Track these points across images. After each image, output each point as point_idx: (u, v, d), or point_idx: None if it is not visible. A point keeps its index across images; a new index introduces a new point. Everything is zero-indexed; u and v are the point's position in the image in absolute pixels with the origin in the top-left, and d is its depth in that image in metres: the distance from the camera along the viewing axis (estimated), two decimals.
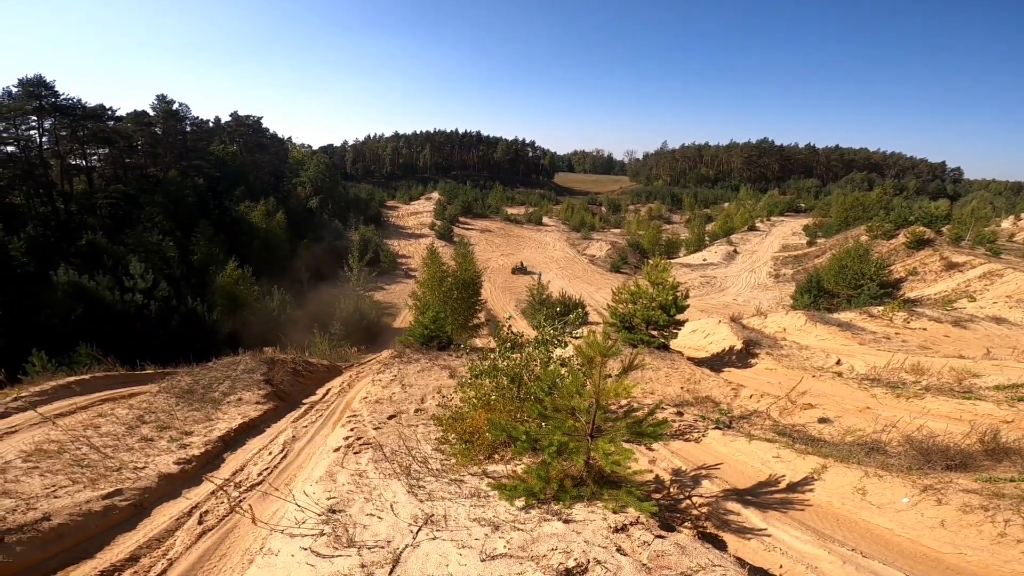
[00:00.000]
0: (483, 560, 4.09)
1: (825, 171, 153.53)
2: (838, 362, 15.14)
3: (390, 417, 9.88)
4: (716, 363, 15.75)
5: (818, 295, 30.94)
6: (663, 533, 4.64)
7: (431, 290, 24.06)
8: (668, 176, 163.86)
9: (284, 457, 8.63)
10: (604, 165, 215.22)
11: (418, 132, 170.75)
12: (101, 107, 46.98)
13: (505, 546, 4.30)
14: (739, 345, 16.61)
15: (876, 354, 16.10)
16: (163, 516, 6.58)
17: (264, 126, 78.88)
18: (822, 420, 10.70)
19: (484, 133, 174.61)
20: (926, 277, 35.99)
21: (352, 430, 8.98)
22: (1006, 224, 69.74)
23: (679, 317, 14.79)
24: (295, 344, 19.30)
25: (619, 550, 4.21)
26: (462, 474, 6.48)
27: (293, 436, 9.57)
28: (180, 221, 38.52)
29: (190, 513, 6.70)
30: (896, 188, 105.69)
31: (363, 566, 4.27)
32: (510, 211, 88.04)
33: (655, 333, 14.70)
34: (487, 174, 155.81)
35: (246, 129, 76.00)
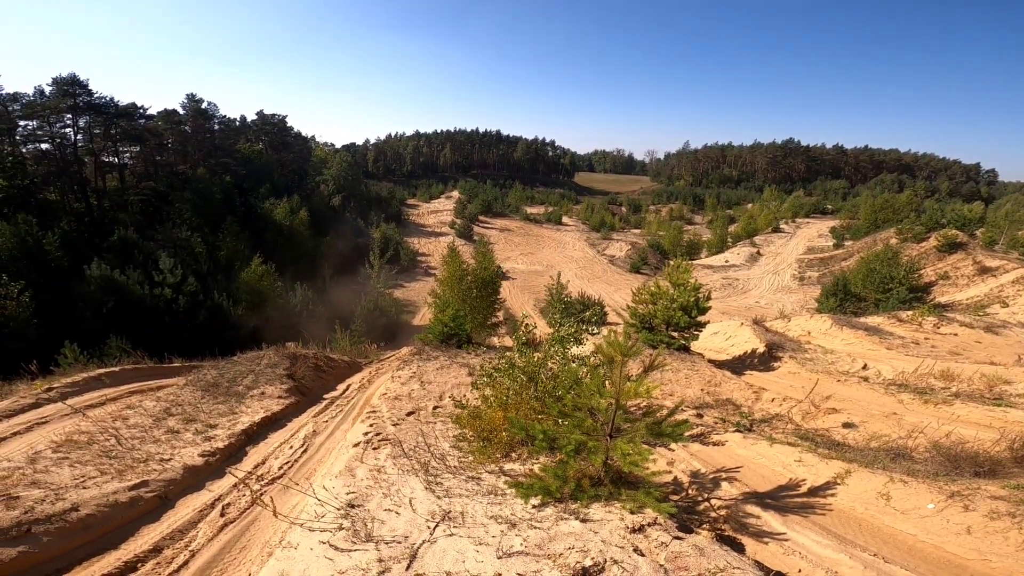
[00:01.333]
0: (500, 557, 4.11)
1: (854, 172, 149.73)
2: (864, 367, 14.80)
3: (409, 414, 9.95)
4: (737, 366, 15.53)
5: (844, 299, 30.21)
6: (681, 534, 4.60)
7: (450, 288, 24.17)
8: (690, 176, 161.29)
9: (305, 451, 8.76)
10: (624, 165, 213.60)
11: (439, 131, 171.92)
12: (133, 106, 48.34)
13: (522, 544, 4.30)
14: (762, 348, 16.33)
15: (904, 359, 15.71)
16: (187, 508, 6.74)
17: (288, 125, 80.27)
18: (847, 425, 10.48)
19: (504, 132, 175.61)
20: (957, 282, 34.90)
21: (371, 426, 9.08)
22: None
23: (700, 319, 14.57)
24: (317, 340, 19.61)
25: (636, 550, 4.19)
26: (479, 472, 6.50)
27: (314, 431, 9.71)
28: (208, 218, 39.39)
29: (213, 505, 6.84)
30: (928, 190, 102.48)
31: (380, 560, 4.32)
32: (530, 210, 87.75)
33: (675, 335, 14.52)
34: (507, 173, 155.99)
35: (271, 128, 77.39)
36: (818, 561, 5.41)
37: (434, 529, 4.72)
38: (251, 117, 77.72)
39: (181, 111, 57.94)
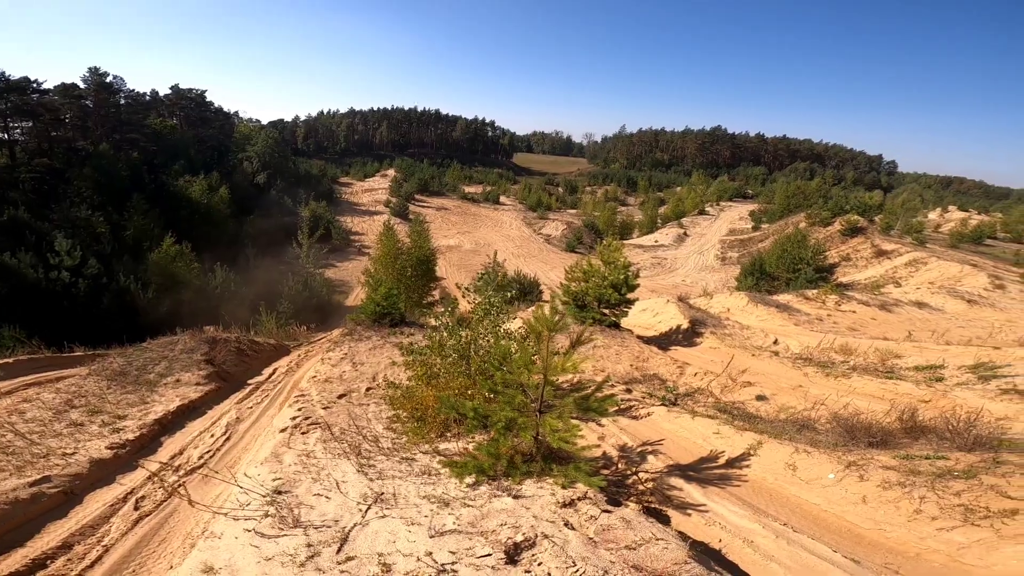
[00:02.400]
0: (432, 536, 4.13)
1: (772, 159, 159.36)
2: (775, 342, 15.85)
3: (340, 396, 9.72)
4: (664, 341, 16.24)
5: (760, 278, 32.34)
6: (609, 508, 4.76)
7: (385, 267, 23.58)
8: (625, 159, 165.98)
9: (227, 439, 8.38)
10: (563, 147, 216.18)
11: (375, 109, 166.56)
12: (26, 80, 43.53)
13: (455, 522, 4.34)
14: (686, 324, 17.11)
15: (810, 335, 16.92)
16: (96, 503, 6.37)
17: (208, 100, 74.75)
18: (759, 397, 11.18)
19: (443, 111, 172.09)
20: (857, 263, 38.27)
21: (300, 410, 8.80)
22: (933, 216, 75.48)
23: (630, 296, 15.08)
24: (240, 323, 18.56)
25: (567, 524, 4.30)
26: (413, 452, 6.48)
27: (237, 417, 9.28)
28: (112, 196, 35.90)
29: (125, 499, 6.49)
30: (835, 178, 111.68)
31: (309, 545, 4.24)
32: (467, 190, 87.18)
33: (607, 311, 14.96)
34: (445, 152, 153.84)
35: (187, 103, 71.74)
36: (736, 531, 5.68)
37: (366, 511, 4.67)
38: (165, 91, 72.02)
39: (82, 85, 52.54)
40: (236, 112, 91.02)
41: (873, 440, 7.68)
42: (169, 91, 71.69)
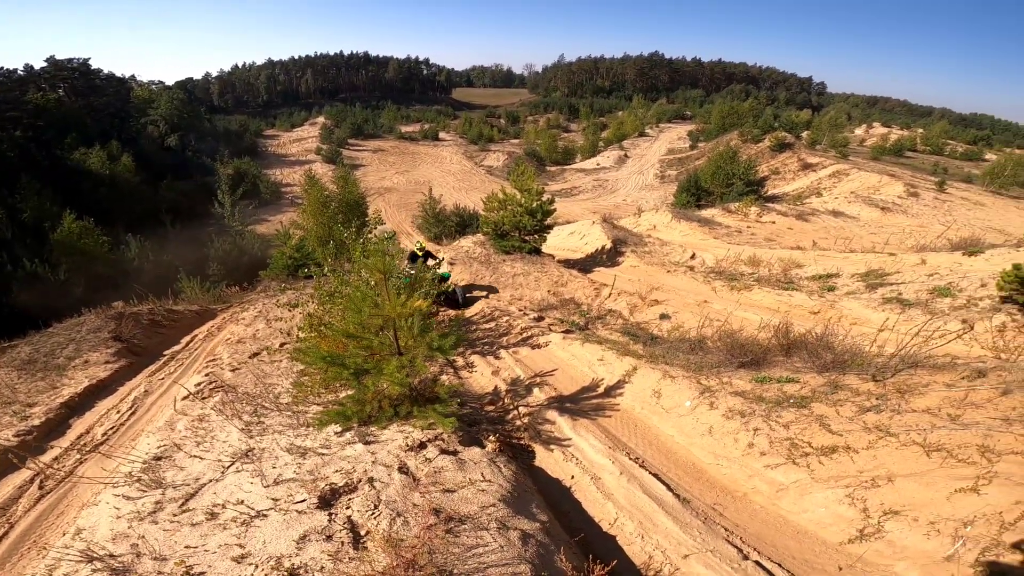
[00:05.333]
0: (267, 486, 4.29)
1: (709, 83, 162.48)
2: (692, 256, 15.87)
3: (252, 356, 9.69)
4: (589, 264, 16.24)
5: (696, 193, 33.08)
6: (459, 448, 4.84)
7: (314, 217, 22.74)
8: (566, 88, 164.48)
9: (133, 413, 8.39)
10: (504, 79, 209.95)
11: (296, 57, 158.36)
12: None
13: (294, 472, 4.46)
14: (609, 244, 17.07)
15: (727, 247, 16.81)
16: (6, 487, 6.56)
17: (95, 67, 67.70)
18: (663, 316, 11.16)
19: (373, 53, 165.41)
20: (786, 176, 39.77)
21: (207, 375, 8.78)
22: (859, 132, 79.25)
23: (547, 222, 15.10)
24: (160, 293, 17.80)
25: (401, 468, 4.38)
26: (309, 406, 6.61)
27: (145, 391, 9.22)
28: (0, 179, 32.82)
29: (32, 480, 6.64)
30: (769, 99, 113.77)
31: (158, 502, 4.49)
32: (405, 129, 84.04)
33: (527, 238, 15.04)
34: (379, 95, 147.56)
35: (69, 73, 64.95)
36: (589, 467, 5.59)
37: (227, 468, 4.84)
38: (40, 64, 64.72)
39: None
40: (132, 76, 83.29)
41: (745, 360, 7.14)
42: (45, 63, 64.81)
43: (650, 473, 5.46)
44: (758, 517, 4.95)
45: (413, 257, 11.92)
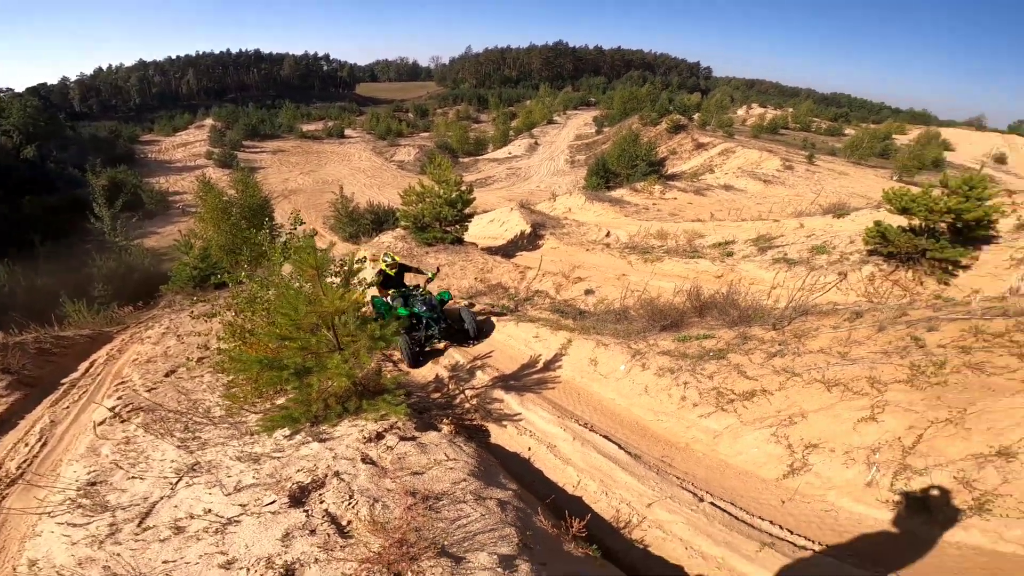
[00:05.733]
0: (229, 494, 4.16)
1: (610, 69, 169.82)
2: (607, 234, 16.64)
3: (168, 374, 9.02)
4: (511, 249, 16.57)
5: (604, 176, 34.49)
6: (416, 434, 4.85)
7: (215, 225, 21.07)
8: (474, 79, 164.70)
9: (44, 445, 7.58)
10: (410, 72, 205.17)
11: (175, 57, 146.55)
12: None
13: (254, 477, 4.34)
14: (528, 229, 17.48)
15: (637, 224, 17.78)
16: None
17: None
18: (587, 292, 11.76)
19: (265, 51, 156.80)
20: (682, 155, 42.55)
21: (120, 398, 8.08)
22: (740, 112, 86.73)
23: (467, 211, 15.15)
24: (43, 319, 15.81)
25: (364, 459, 4.37)
26: (246, 416, 6.27)
27: (51, 421, 8.33)
28: None
29: None
30: (663, 84, 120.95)
31: (112, 524, 4.22)
32: (307, 128, 79.27)
33: (448, 229, 15.04)
34: (274, 93, 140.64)
35: None
36: (543, 437, 5.81)
37: (175, 484, 4.60)
38: None
39: None
40: None
41: (666, 324, 7.57)
42: None
43: (600, 435, 5.74)
44: (703, 463, 5.33)
45: (385, 278, 8.83)
